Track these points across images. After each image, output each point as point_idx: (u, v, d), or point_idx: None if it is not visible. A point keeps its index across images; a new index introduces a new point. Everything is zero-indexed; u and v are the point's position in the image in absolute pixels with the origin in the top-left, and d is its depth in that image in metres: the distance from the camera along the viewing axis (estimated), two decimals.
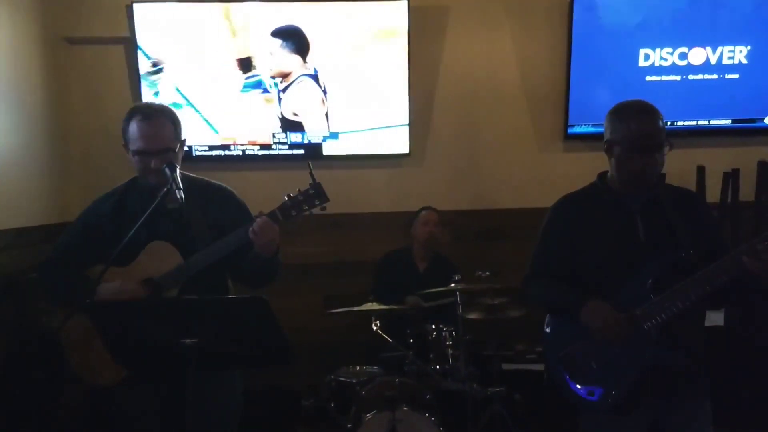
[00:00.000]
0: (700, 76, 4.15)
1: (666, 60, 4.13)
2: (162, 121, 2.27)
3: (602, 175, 2.31)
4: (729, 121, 4.20)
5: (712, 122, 4.20)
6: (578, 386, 2.19)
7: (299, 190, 2.24)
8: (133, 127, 2.25)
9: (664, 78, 4.16)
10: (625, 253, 2.13)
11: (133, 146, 2.25)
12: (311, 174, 2.26)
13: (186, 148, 2.46)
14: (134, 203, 2.32)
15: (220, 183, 2.47)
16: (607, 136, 2.21)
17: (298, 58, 4.06)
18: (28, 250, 3.24)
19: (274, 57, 4.04)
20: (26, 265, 3.14)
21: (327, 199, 2.24)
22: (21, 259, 3.18)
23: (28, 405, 3.15)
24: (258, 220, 2.18)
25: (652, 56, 4.13)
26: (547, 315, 2.36)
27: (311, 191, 2.24)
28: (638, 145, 2.10)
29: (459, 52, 4.26)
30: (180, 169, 2.26)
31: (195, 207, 2.32)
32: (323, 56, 4.07)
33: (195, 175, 2.45)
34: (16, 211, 3.31)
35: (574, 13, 4.08)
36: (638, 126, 2.11)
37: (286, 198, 2.24)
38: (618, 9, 4.09)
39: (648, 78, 4.16)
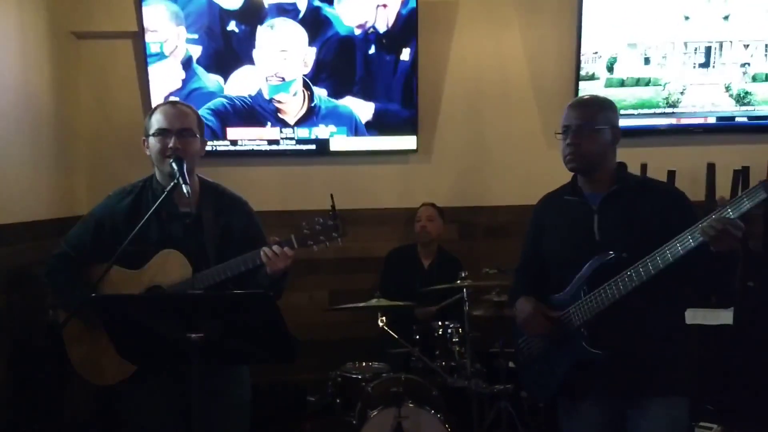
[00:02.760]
0: None
1: None
2: (186, 109, 2.29)
3: None
4: (739, 119, 4.18)
5: (722, 120, 4.18)
6: (525, 373, 2.39)
7: (318, 220, 2.21)
8: (157, 114, 2.26)
9: None
10: (579, 251, 2.16)
11: (154, 128, 2.24)
12: (333, 206, 2.21)
13: None
14: (149, 203, 2.29)
15: (234, 192, 2.46)
16: None
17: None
18: (37, 244, 3.24)
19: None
20: (34, 259, 3.14)
21: (346, 234, 2.22)
22: (29, 252, 3.18)
23: (35, 398, 3.16)
24: (274, 247, 2.16)
25: None
26: None
27: (331, 223, 2.20)
28: (562, 129, 2.23)
29: (467, 48, 4.25)
30: (196, 167, 2.30)
31: (209, 212, 2.31)
32: None
33: (212, 181, 2.44)
34: (24, 205, 3.31)
35: (583, 8, 4.06)
36: (565, 113, 2.23)
37: (303, 224, 2.21)
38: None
39: None
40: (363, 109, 4.10)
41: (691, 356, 2.20)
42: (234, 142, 4.11)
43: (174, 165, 2.18)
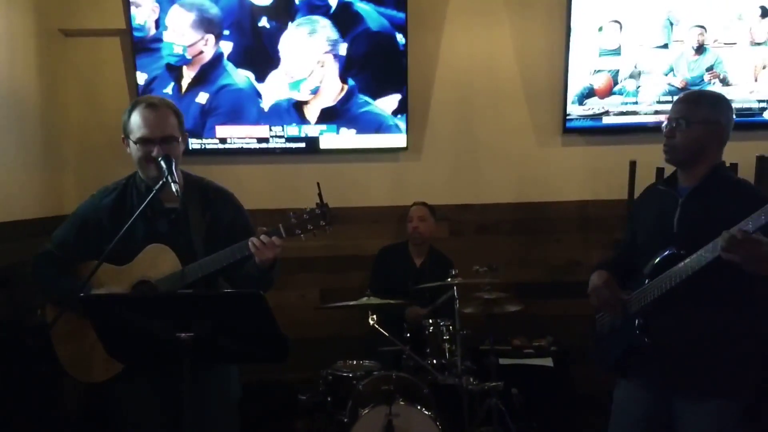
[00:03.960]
0: None
1: None
2: (166, 111, 2.26)
3: None
4: None
5: None
6: (595, 345, 2.50)
7: (306, 209, 2.21)
8: (136, 117, 2.22)
9: None
10: (657, 240, 2.22)
11: (135, 135, 2.22)
12: (319, 195, 2.22)
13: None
14: (133, 199, 2.30)
15: (220, 184, 2.45)
16: None
17: None
18: (23, 243, 3.21)
19: None
20: (21, 259, 3.12)
21: (333, 223, 2.22)
22: (16, 252, 3.16)
23: (25, 397, 3.14)
24: (262, 237, 2.15)
25: None
26: None
27: (318, 211, 2.21)
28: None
29: (457, 45, 4.25)
30: (180, 165, 2.27)
31: (194, 207, 2.30)
32: None
33: (196, 175, 2.43)
34: (11, 204, 3.29)
35: (572, 5, 4.08)
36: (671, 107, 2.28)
37: (291, 215, 2.22)
38: None
39: None
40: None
41: (754, 359, 2.16)
42: (223, 140, 4.10)
43: (162, 163, 2.17)
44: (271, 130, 4.10)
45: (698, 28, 4.11)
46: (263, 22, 3.97)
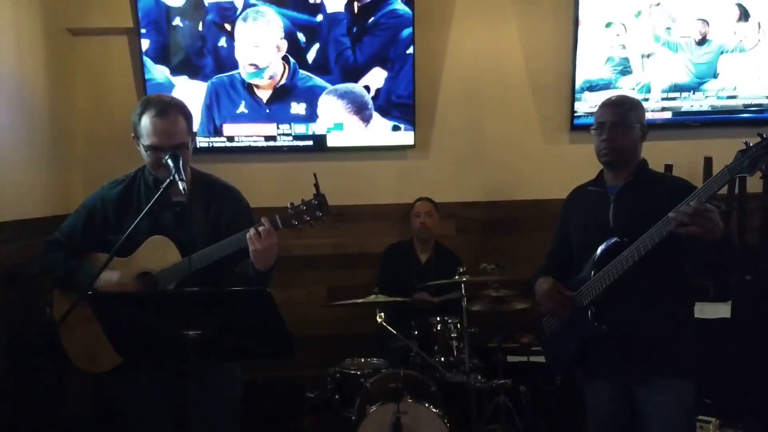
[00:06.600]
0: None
1: None
2: (176, 117, 2.24)
3: None
4: (736, 112, 4.19)
5: (720, 112, 4.19)
6: (547, 348, 2.63)
7: (303, 200, 2.21)
8: (147, 122, 2.21)
9: None
10: (595, 236, 2.34)
11: (146, 141, 2.22)
12: (316, 185, 2.23)
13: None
14: (140, 193, 2.33)
15: (226, 181, 2.46)
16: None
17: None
18: (31, 242, 3.21)
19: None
20: (31, 257, 3.13)
21: (330, 213, 2.22)
22: (25, 250, 3.17)
23: (33, 394, 3.16)
24: (260, 228, 2.14)
25: None
26: None
27: (315, 202, 2.21)
28: (596, 125, 2.40)
29: (464, 42, 4.24)
30: (188, 164, 2.29)
31: (199, 202, 2.31)
32: None
33: (203, 171, 2.44)
34: (20, 203, 3.30)
35: (579, 1, 4.06)
36: (599, 112, 2.41)
37: (288, 206, 2.21)
38: None
39: None
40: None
41: (694, 340, 2.33)
42: (230, 139, 4.10)
43: (170, 161, 2.17)
44: (278, 128, 4.11)
45: (700, 22, 4.09)
46: (177, 21, 4.02)
